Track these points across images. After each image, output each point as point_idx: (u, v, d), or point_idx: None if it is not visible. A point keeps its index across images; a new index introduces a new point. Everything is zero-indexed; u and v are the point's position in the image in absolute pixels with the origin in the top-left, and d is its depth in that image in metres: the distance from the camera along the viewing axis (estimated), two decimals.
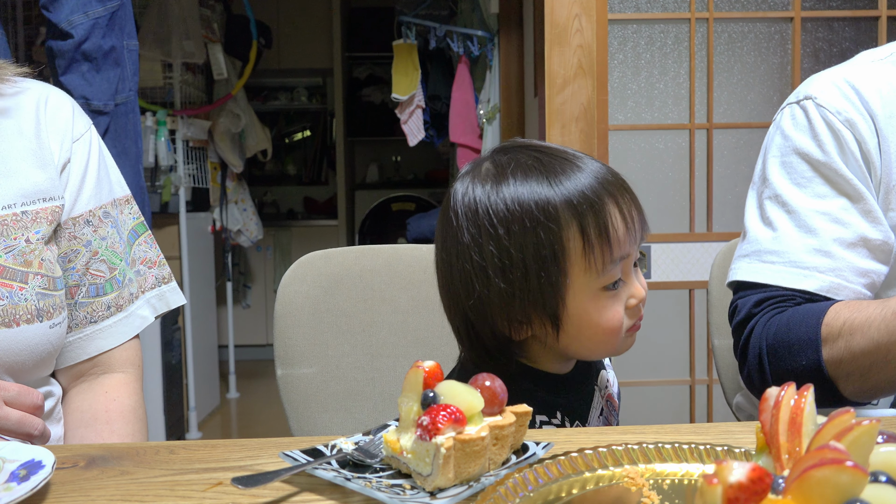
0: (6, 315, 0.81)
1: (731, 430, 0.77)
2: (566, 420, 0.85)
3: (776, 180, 1.00)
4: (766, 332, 0.93)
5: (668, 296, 2.15)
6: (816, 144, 0.97)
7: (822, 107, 0.97)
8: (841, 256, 0.93)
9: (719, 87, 2.16)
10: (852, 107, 0.96)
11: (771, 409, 0.51)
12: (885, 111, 0.95)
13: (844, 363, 0.87)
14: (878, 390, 0.89)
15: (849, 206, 0.95)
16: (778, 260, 0.96)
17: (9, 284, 0.82)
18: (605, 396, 0.94)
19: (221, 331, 4.28)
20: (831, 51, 2.14)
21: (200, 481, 0.66)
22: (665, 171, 2.16)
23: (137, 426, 0.94)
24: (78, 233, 0.91)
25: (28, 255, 0.84)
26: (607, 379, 0.96)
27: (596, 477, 0.63)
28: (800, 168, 0.98)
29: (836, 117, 0.96)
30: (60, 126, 0.91)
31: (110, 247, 0.93)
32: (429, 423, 0.59)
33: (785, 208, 0.98)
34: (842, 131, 0.96)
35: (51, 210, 0.87)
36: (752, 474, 0.40)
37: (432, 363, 0.64)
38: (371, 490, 0.60)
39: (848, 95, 0.97)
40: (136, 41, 1.79)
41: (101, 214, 0.93)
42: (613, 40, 2.15)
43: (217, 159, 3.95)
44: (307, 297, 1.26)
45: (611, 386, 0.97)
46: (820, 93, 0.98)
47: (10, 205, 0.84)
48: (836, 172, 0.95)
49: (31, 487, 0.59)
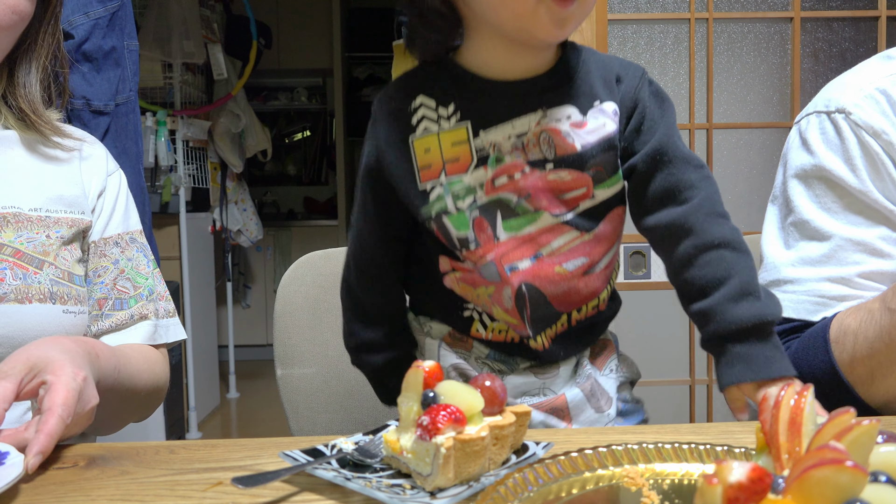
0: (20, 293, 0.88)
1: (731, 430, 0.77)
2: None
3: (800, 202, 0.92)
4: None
5: (669, 296, 2.14)
6: (850, 169, 0.89)
7: (858, 125, 0.89)
8: (870, 287, 0.86)
9: (719, 87, 2.16)
10: (888, 122, 0.88)
11: (771, 409, 0.51)
12: None
13: (857, 367, 0.82)
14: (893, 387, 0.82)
15: (888, 237, 0.87)
16: (800, 290, 0.90)
17: (25, 267, 0.90)
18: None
19: (221, 331, 4.28)
20: (831, 51, 2.14)
21: (200, 481, 0.67)
22: None
23: (155, 368, 0.99)
24: (107, 251, 1.01)
25: (46, 247, 0.92)
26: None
27: (596, 477, 0.63)
28: (828, 192, 0.90)
29: (870, 137, 0.88)
30: (97, 163, 1.04)
31: (135, 267, 1.03)
32: (429, 423, 0.59)
33: (812, 235, 0.90)
34: (879, 153, 0.88)
35: (73, 219, 0.97)
36: (752, 474, 0.40)
37: (432, 363, 0.64)
38: (371, 490, 0.60)
39: (884, 109, 0.89)
40: (136, 41, 1.79)
41: (129, 239, 1.04)
42: (613, 40, 2.15)
43: (217, 159, 3.95)
44: (307, 297, 1.26)
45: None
46: (854, 107, 0.90)
47: (37, 208, 0.95)
48: (872, 201, 0.88)
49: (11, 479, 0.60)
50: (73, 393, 0.71)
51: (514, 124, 0.83)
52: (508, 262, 0.85)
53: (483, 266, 0.85)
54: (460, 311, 0.92)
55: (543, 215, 0.84)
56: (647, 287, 2.13)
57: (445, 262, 0.90)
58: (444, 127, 0.84)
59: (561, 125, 0.84)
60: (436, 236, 0.87)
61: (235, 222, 4.18)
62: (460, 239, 0.85)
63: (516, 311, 0.87)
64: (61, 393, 0.70)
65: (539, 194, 0.84)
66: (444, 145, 0.84)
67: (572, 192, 0.84)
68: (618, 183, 0.86)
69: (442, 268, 0.90)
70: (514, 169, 0.83)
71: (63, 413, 0.69)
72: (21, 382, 0.72)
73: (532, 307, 0.86)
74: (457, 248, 0.86)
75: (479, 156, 0.84)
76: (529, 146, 0.83)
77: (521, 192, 0.84)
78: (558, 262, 0.85)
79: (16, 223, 0.92)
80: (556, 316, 0.88)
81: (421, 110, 0.85)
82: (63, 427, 0.69)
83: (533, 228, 0.84)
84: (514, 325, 0.89)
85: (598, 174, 0.85)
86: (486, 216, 0.84)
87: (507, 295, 0.86)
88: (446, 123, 0.84)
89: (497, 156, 0.84)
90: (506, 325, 0.90)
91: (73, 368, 0.74)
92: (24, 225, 0.92)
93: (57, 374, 0.72)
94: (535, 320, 0.87)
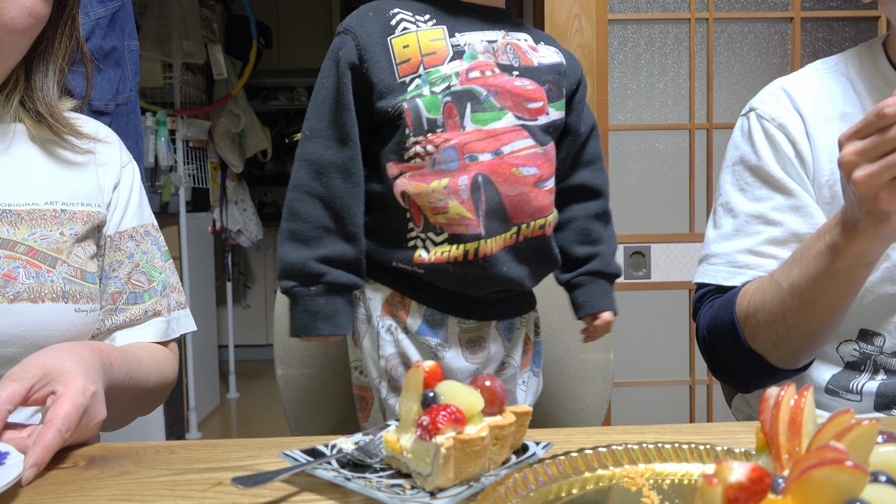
0: (33, 292, 0.88)
1: (731, 430, 0.77)
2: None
3: (725, 188, 1.10)
4: (703, 323, 1.06)
5: (668, 296, 2.15)
6: (753, 151, 1.06)
7: (761, 116, 1.06)
8: (771, 254, 1.02)
9: (719, 87, 2.16)
10: (785, 110, 1.05)
11: (771, 409, 0.51)
12: (817, 115, 1.03)
13: (761, 337, 0.97)
14: (799, 352, 0.97)
15: (781, 206, 1.02)
16: (718, 261, 1.06)
17: (38, 265, 0.89)
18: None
19: (221, 331, 4.28)
20: (831, 51, 2.14)
21: (200, 481, 0.67)
22: (665, 171, 2.17)
23: (164, 368, 1.00)
24: (122, 245, 1.00)
25: (59, 245, 0.92)
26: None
27: (596, 477, 0.63)
28: (742, 175, 1.07)
29: (770, 123, 1.05)
30: (112, 155, 1.03)
31: (150, 261, 1.03)
32: (429, 423, 0.59)
33: (730, 213, 1.07)
34: (775, 135, 1.04)
35: (87, 213, 0.96)
36: (752, 474, 0.40)
37: (432, 363, 0.64)
38: (371, 490, 0.60)
39: (782, 101, 1.06)
40: (136, 41, 1.79)
41: (143, 232, 1.04)
42: (613, 40, 2.15)
43: (217, 159, 3.95)
44: None
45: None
46: (760, 103, 1.08)
47: (52, 202, 0.94)
48: (768, 174, 1.04)
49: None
50: (78, 408, 0.71)
51: (485, 33, 0.97)
52: (470, 151, 0.93)
53: (443, 151, 0.92)
54: (405, 241, 0.96)
55: (508, 115, 0.95)
56: (648, 287, 2.13)
57: (394, 167, 0.95)
58: (422, 28, 0.95)
59: (521, 43, 0.99)
60: (393, 129, 0.94)
61: (235, 222, 4.17)
62: (429, 120, 0.93)
63: (472, 202, 0.92)
64: (65, 406, 0.71)
65: (506, 95, 0.94)
66: (422, 41, 0.94)
67: (533, 102, 0.97)
68: (562, 110, 1.01)
69: (390, 173, 0.95)
70: (486, 67, 0.95)
71: (62, 427, 0.69)
72: (31, 388, 0.73)
73: (487, 202, 0.93)
74: (423, 132, 0.93)
75: (455, 50, 0.95)
76: (499, 52, 0.96)
77: (491, 89, 0.94)
78: (515, 165, 0.94)
79: (30, 220, 0.91)
80: (508, 225, 0.96)
81: (399, 15, 0.96)
82: (61, 441, 0.69)
83: (498, 125, 0.94)
84: (468, 222, 0.93)
85: (550, 91, 0.99)
86: (457, 104, 0.93)
87: (463, 184, 0.92)
88: (424, 26, 0.95)
89: (472, 52, 0.95)
90: (458, 221, 0.93)
91: (83, 382, 0.74)
92: (37, 222, 0.92)
93: (67, 386, 0.73)
94: (489, 216, 0.93)
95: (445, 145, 0.92)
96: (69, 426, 0.70)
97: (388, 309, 0.99)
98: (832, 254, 0.86)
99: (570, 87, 1.04)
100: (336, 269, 0.95)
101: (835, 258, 0.86)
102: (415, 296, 0.98)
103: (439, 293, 0.97)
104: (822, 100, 1.04)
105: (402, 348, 0.98)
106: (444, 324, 0.99)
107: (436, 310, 0.98)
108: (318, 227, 0.95)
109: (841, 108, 1.03)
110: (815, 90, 1.06)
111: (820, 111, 1.03)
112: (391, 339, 0.98)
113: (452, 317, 0.99)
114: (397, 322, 0.99)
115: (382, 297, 0.99)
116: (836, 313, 0.92)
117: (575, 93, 1.06)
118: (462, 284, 0.96)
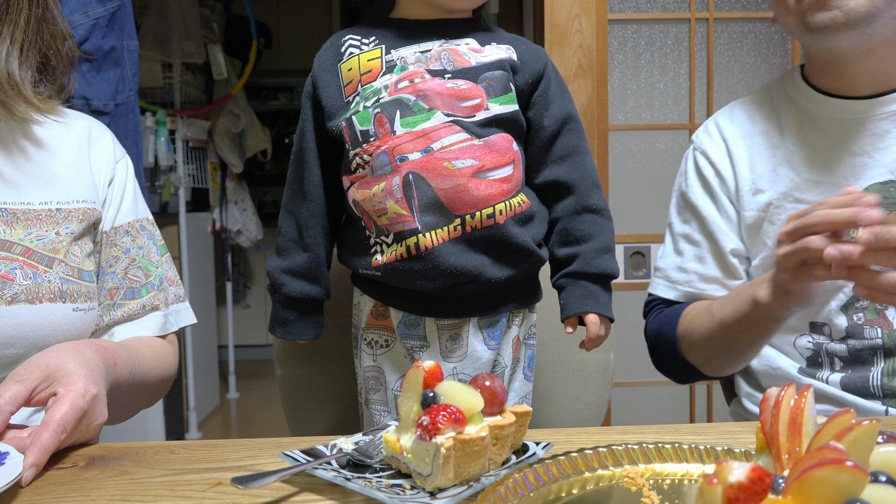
0: (30, 293, 0.88)
1: (731, 430, 0.77)
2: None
3: (670, 209, 1.25)
4: (651, 328, 1.22)
5: None
6: (685, 180, 1.22)
7: (695, 148, 1.21)
8: (693, 270, 1.18)
9: (719, 87, 2.16)
10: (710, 139, 1.20)
11: (771, 409, 0.51)
12: (737, 134, 1.18)
13: (694, 353, 1.13)
14: (724, 369, 1.14)
15: (699, 229, 1.18)
16: (660, 276, 1.23)
17: (34, 266, 0.89)
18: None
19: (221, 331, 4.28)
20: None
21: (200, 481, 0.67)
22: (665, 171, 2.17)
23: (165, 361, 1.01)
24: (118, 241, 1.01)
25: (56, 245, 0.92)
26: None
27: (596, 477, 0.63)
28: (679, 200, 1.23)
29: (698, 152, 1.20)
30: (105, 150, 1.04)
31: (146, 255, 1.03)
32: (429, 423, 0.59)
33: (670, 232, 1.23)
34: (700, 162, 1.19)
35: (83, 210, 0.96)
36: (752, 474, 0.40)
37: (432, 363, 0.64)
38: (371, 490, 0.60)
39: (711, 132, 1.21)
40: (136, 41, 1.79)
41: (139, 227, 1.04)
42: (613, 40, 2.15)
43: (217, 159, 3.94)
44: None
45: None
46: (695, 136, 1.24)
47: (46, 202, 0.94)
48: (691, 201, 1.19)
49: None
50: (76, 410, 0.72)
51: (420, 45, 1.02)
52: (400, 152, 0.97)
53: (377, 157, 0.98)
54: (367, 248, 1.03)
55: (436, 114, 0.98)
56: (647, 287, 2.13)
57: (346, 180, 1.04)
58: (364, 50, 1.03)
59: (460, 48, 1.03)
60: (341, 146, 1.02)
61: (235, 222, 4.17)
62: (363, 132, 0.99)
63: (405, 200, 0.97)
64: (63, 408, 0.71)
65: (435, 96, 0.98)
66: (362, 62, 1.02)
67: (469, 100, 0.99)
68: (510, 104, 1.02)
69: (345, 185, 1.04)
70: (416, 75, 1.00)
71: (58, 428, 0.70)
72: (34, 389, 0.73)
73: (420, 197, 0.96)
74: (359, 143, 0.99)
75: (388, 65, 1.01)
76: (431, 59, 1.01)
77: (419, 94, 0.99)
78: (447, 159, 0.97)
79: (25, 220, 0.91)
80: (449, 217, 0.98)
81: (349, 42, 1.05)
82: (57, 442, 0.70)
83: (427, 125, 0.98)
84: (405, 219, 0.97)
85: (490, 87, 1.01)
86: (386, 113, 0.98)
87: (395, 184, 0.97)
88: (366, 48, 1.03)
89: (402, 65, 1.01)
90: (397, 219, 0.98)
91: (85, 385, 0.74)
92: (33, 222, 0.92)
93: (68, 388, 0.73)
94: (424, 211, 0.96)
95: (378, 151, 0.98)
96: (65, 427, 0.70)
97: (373, 321, 1.06)
98: (752, 304, 0.99)
99: (525, 81, 1.04)
100: (295, 281, 1.07)
101: (754, 308, 0.99)
102: (392, 302, 1.04)
103: (412, 296, 1.02)
104: (742, 121, 1.19)
105: (378, 362, 1.06)
106: (419, 323, 1.03)
107: (409, 312, 1.03)
108: (288, 239, 1.08)
109: (761, 126, 1.16)
110: (741, 115, 1.20)
111: (739, 131, 1.18)
112: (370, 353, 1.06)
113: (429, 317, 1.02)
114: (382, 332, 1.05)
115: (368, 309, 1.07)
116: (752, 349, 1.08)
117: (536, 87, 1.05)
118: (411, 279, 0.99)
